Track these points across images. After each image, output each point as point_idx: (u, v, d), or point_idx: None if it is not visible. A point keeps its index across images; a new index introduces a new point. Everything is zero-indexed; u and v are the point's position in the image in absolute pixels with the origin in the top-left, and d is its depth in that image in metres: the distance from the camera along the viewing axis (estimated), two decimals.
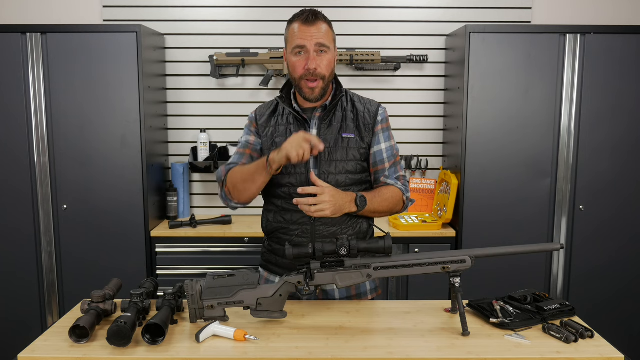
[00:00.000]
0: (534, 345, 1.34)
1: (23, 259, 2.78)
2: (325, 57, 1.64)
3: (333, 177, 1.67)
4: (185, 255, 2.78)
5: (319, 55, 1.63)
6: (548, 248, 1.55)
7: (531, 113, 2.75)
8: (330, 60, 1.65)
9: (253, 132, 1.79)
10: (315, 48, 1.62)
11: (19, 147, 2.72)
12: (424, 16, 3.07)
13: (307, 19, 1.62)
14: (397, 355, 1.29)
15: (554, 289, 2.84)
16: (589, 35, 2.70)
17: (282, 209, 1.70)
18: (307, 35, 1.61)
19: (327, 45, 1.63)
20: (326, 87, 1.67)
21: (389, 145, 1.75)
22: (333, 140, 1.69)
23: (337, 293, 1.72)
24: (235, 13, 3.06)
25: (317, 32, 1.61)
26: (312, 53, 1.62)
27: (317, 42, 1.61)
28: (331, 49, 1.65)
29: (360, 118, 1.73)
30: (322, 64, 1.63)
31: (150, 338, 1.33)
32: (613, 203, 2.79)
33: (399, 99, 3.10)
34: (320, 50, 1.62)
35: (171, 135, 3.14)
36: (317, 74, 1.63)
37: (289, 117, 1.74)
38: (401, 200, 1.74)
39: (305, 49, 1.62)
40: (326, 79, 1.65)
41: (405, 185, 1.76)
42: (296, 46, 1.63)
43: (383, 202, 1.68)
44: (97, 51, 2.67)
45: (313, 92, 1.65)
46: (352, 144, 1.70)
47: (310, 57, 1.62)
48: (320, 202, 1.53)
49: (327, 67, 1.65)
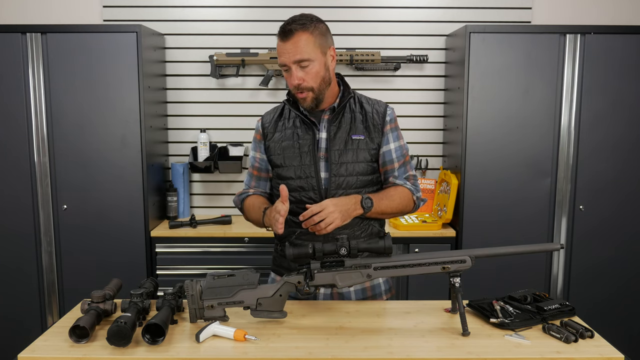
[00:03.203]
0: (534, 345, 1.34)
1: (23, 259, 2.78)
2: (309, 69, 1.59)
3: (344, 179, 1.65)
4: (185, 255, 2.78)
5: (302, 69, 1.59)
6: (548, 248, 1.55)
7: (531, 113, 2.75)
8: (316, 71, 1.60)
9: (259, 146, 1.79)
10: (294, 65, 1.59)
11: (19, 148, 2.72)
12: (424, 16, 3.07)
13: (281, 35, 1.60)
14: (397, 355, 1.29)
15: (554, 289, 2.84)
16: (589, 35, 2.70)
17: (294, 213, 1.68)
18: (284, 52, 1.59)
19: (307, 58, 1.57)
20: (319, 95, 1.64)
21: (398, 145, 1.73)
22: (343, 142, 1.67)
23: (353, 295, 1.71)
24: (235, 13, 3.06)
25: (292, 48, 1.57)
26: (294, 70, 1.59)
27: (294, 59, 1.58)
28: (315, 59, 1.59)
29: (369, 119, 1.71)
30: (306, 77, 1.60)
31: (150, 338, 1.33)
32: (613, 203, 2.79)
33: (399, 99, 3.10)
34: (300, 65, 1.59)
35: (171, 135, 3.14)
36: (302, 87, 1.61)
37: (295, 120, 1.72)
38: (411, 200, 1.71)
39: (287, 66, 1.61)
40: (316, 89, 1.62)
41: (415, 185, 1.74)
42: (280, 64, 1.63)
43: (391, 203, 1.67)
44: (97, 51, 2.67)
45: (305, 102, 1.65)
46: (362, 146, 1.68)
47: (292, 75, 1.60)
48: (327, 215, 1.52)
49: (314, 78, 1.61)
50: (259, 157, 1.79)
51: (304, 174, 1.66)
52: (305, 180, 1.66)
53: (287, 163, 1.69)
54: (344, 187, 1.64)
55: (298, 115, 1.70)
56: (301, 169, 1.66)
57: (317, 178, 1.65)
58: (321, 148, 1.68)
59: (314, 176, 1.66)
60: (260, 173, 1.81)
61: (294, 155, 1.68)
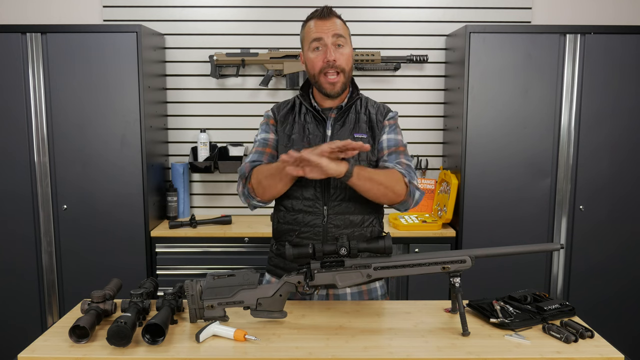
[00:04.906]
0: (534, 345, 1.34)
1: (23, 259, 2.78)
2: (344, 50, 1.64)
3: None
4: (185, 255, 2.78)
5: (337, 49, 1.63)
6: (548, 248, 1.55)
7: (531, 113, 2.75)
8: (348, 55, 1.66)
9: (272, 129, 1.75)
10: (333, 40, 1.62)
11: (19, 147, 2.72)
12: (424, 16, 3.07)
13: (322, 14, 1.64)
14: (397, 355, 1.29)
15: (554, 289, 2.84)
16: (589, 36, 2.70)
17: (294, 210, 1.67)
18: (323, 28, 1.62)
19: (344, 36, 1.64)
20: (347, 82, 1.67)
21: (392, 137, 1.71)
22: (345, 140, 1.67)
23: (349, 297, 1.71)
24: (235, 13, 3.06)
25: (332, 25, 1.63)
26: (330, 45, 1.62)
27: (334, 32, 1.62)
28: (348, 42, 1.66)
29: (372, 120, 1.72)
30: (340, 57, 1.63)
31: (150, 338, 1.33)
32: (613, 203, 2.79)
33: (399, 99, 3.10)
34: (338, 44, 1.63)
35: (171, 135, 3.14)
36: (336, 66, 1.62)
37: (306, 115, 1.72)
38: (401, 181, 1.59)
39: (322, 42, 1.62)
40: (346, 72, 1.65)
41: (408, 171, 1.63)
42: (314, 39, 1.63)
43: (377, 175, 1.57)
44: (97, 51, 2.67)
45: (334, 87, 1.65)
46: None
47: (329, 49, 1.62)
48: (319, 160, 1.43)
49: (347, 61, 1.65)
50: (272, 138, 1.74)
51: None
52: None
53: None
54: (344, 186, 1.64)
55: (309, 110, 1.71)
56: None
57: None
58: None
59: None
60: (273, 151, 1.72)
61: (301, 149, 1.62)
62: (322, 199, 1.64)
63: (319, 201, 1.65)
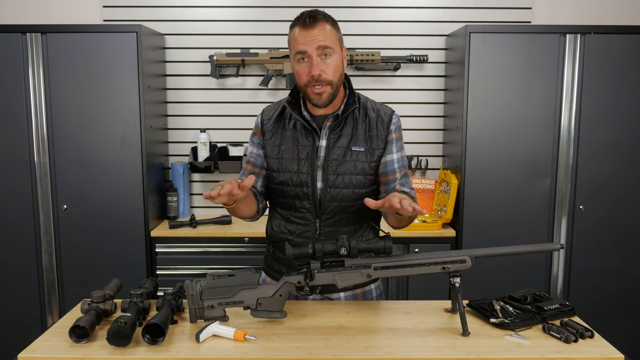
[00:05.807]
0: (534, 345, 1.34)
1: (23, 259, 2.78)
2: (331, 60, 1.53)
3: (339, 191, 1.61)
4: (185, 255, 2.78)
5: (322, 60, 1.52)
6: (548, 248, 1.55)
7: (531, 113, 2.75)
8: (336, 64, 1.55)
9: (257, 142, 1.72)
10: (318, 52, 1.51)
11: (19, 147, 2.72)
12: (424, 16, 3.07)
13: (304, 22, 1.52)
14: (397, 355, 1.29)
15: (554, 289, 2.84)
16: (589, 35, 2.70)
17: (286, 220, 1.66)
18: (307, 39, 1.51)
19: (331, 46, 1.52)
20: (335, 91, 1.57)
21: (400, 156, 1.67)
22: (342, 153, 1.61)
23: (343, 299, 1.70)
24: (235, 13, 3.06)
25: (317, 34, 1.50)
26: (315, 58, 1.51)
27: (319, 44, 1.50)
28: (336, 50, 1.54)
29: (372, 128, 1.64)
30: (327, 68, 1.53)
31: (150, 338, 1.33)
32: (613, 202, 2.79)
33: (399, 99, 3.10)
34: (324, 54, 1.52)
35: (171, 135, 3.14)
36: (322, 80, 1.53)
37: (296, 123, 1.65)
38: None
39: (307, 55, 1.52)
40: (334, 83, 1.55)
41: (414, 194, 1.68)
42: (297, 52, 1.53)
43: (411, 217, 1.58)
44: (97, 51, 2.67)
45: (320, 98, 1.56)
46: (361, 158, 1.61)
47: (314, 63, 1.51)
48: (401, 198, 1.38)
49: (334, 72, 1.54)
50: (255, 153, 1.73)
51: (300, 181, 1.61)
52: (301, 189, 1.62)
53: (283, 168, 1.63)
54: (339, 199, 1.61)
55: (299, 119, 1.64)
56: (297, 176, 1.62)
57: (313, 187, 1.61)
58: (320, 157, 1.61)
59: (309, 185, 1.61)
60: (254, 168, 1.73)
61: (291, 160, 1.63)
62: (314, 211, 1.63)
63: (311, 213, 1.63)
